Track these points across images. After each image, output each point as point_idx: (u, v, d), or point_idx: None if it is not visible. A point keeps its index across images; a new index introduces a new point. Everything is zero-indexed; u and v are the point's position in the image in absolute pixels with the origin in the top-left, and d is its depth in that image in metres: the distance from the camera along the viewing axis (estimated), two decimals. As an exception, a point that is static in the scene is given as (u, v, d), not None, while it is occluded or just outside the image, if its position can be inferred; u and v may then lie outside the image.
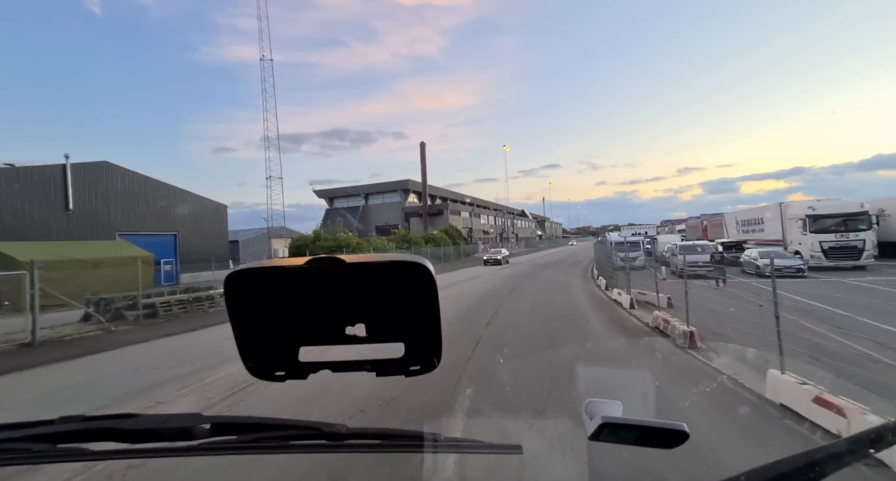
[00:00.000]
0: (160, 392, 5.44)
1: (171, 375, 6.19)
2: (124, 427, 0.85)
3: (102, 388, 5.89)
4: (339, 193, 60.35)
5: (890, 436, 0.64)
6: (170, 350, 8.08)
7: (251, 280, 0.69)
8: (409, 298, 0.70)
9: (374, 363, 0.77)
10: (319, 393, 4.88)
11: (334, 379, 0.83)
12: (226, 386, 5.45)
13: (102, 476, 3.18)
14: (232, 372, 5.80)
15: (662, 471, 3.08)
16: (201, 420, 0.88)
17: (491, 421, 4.34)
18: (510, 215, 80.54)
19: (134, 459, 0.97)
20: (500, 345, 7.31)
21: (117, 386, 5.90)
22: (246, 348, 0.73)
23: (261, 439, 0.92)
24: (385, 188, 57.16)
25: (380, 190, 57.49)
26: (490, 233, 65.62)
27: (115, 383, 6.06)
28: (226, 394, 5.16)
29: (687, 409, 4.24)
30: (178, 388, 5.55)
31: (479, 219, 63.84)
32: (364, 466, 2.96)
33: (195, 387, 5.55)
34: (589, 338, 7.98)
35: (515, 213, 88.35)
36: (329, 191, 61.07)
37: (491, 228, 67.40)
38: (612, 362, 6.39)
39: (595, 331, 8.49)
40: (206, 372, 6.18)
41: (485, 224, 65.86)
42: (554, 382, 5.09)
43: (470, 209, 62.68)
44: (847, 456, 0.62)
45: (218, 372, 6.02)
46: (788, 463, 0.60)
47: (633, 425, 0.68)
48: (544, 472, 2.24)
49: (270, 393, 5.07)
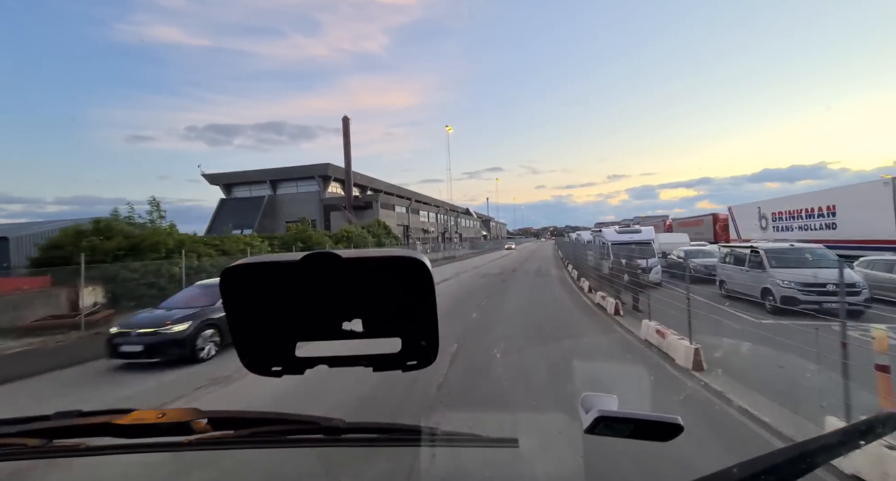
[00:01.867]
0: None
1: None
2: (120, 422, 0.85)
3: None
4: (238, 179, 46.70)
5: (879, 428, 0.65)
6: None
7: (247, 275, 0.68)
8: (405, 293, 0.70)
9: (371, 358, 0.77)
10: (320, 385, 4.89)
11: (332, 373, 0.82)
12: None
13: (99, 471, 3.18)
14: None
15: (657, 464, 3.12)
16: (198, 414, 0.88)
17: (487, 414, 4.37)
18: (454, 213, 73.26)
19: (131, 454, 0.97)
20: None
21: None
22: (242, 343, 0.73)
23: (258, 433, 0.92)
24: (298, 174, 45.25)
25: (291, 176, 45.56)
26: (431, 232, 57.93)
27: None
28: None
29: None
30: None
31: (417, 216, 55.48)
32: (362, 460, 2.98)
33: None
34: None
35: (460, 211, 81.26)
36: (224, 176, 46.93)
37: (432, 227, 59.60)
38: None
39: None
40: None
41: (425, 221, 57.94)
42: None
43: (407, 203, 53.15)
44: (838, 447, 0.63)
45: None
46: (781, 454, 0.60)
47: (628, 418, 0.69)
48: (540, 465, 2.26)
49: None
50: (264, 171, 46.35)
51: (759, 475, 0.57)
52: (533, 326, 9.03)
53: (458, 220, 75.68)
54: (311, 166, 44.91)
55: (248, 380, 5.80)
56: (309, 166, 45.07)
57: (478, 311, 10.98)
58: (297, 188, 45.62)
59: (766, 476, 0.57)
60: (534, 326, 9.03)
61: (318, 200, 44.00)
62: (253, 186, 46.59)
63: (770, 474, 0.58)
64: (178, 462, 2.91)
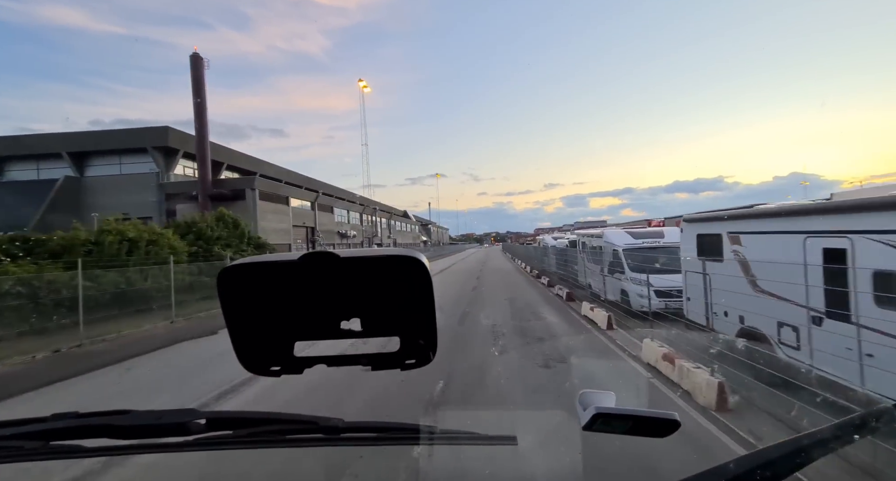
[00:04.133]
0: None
1: None
2: (118, 423, 0.85)
3: None
4: (18, 150, 28.44)
5: (873, 422, 0.66)
6: None
7: (245, 275, 0.68)
8: (404, 292, 0.70)
9: (370, 357, 0.77)
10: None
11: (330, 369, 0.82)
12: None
13: (97, 473, 3.17)
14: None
15: (655, 460, 3.14)
16: (196, 415, 0.87)
17: (486, 412, 4.39)
18: (384, 213, 59.45)
19: (128, 455, 0.97)
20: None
21: None
22: (240, 343, 0.73)
23: (257, 434, 0.92)
24: (122, 143, 28.10)
25: (111, 146, 28.31)
26: (353, 236, 45.10)
27: None
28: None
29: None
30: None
31: (332, 215, 42.10)
32: (362, 459, 2.98)
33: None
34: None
35: (395, 213, 68.35)
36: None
37: (353, 230, 46.01)
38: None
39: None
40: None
41: (342, 222, 44.40)
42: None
43: (313, 196, 38.08)
44: (832, 441, 0.64)
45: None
46: (776, 449, 0.61)
47: (625, 415, 0.70)
48: (539, 462, 2.27)
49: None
50: (61, 137, 28.59)
51: (755, 470, 0.58)
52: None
53: (393, 223, 64.49)
54: (138, 131, 28.27)
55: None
56: (136, 131, 28.35)
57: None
58: (120, 167, 28.97)
59: (762, 470, 0.58)
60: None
61: (157, 185, 28.33)
62: (44, 164, 28.95)
63: (766, 469, 0.58)
64: (176, 463, 2.91)
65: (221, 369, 6.22)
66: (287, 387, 5.20)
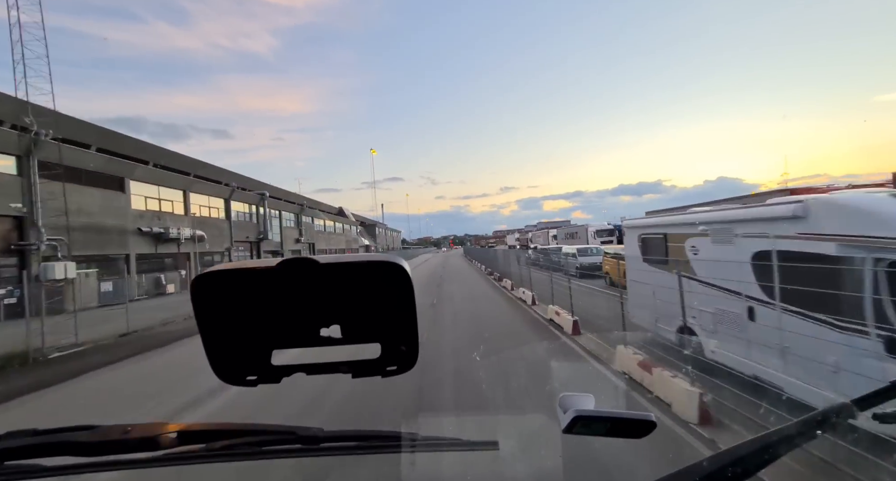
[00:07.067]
0: None
1: None
2: (81, 439, 0.81)
3: None
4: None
5: (834, 418, 0.69)
6: None
7: (220, 282, 0.66)
8: (384, 298, 0.69)
9: (351, 364, 0.76)
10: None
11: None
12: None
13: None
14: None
15: (632, 461, 3.21)
16: (166, 428, 0.84)
17: (468, 418, 4.38)
18: (293, 205, 41.31)
19: (93, 473, 0.92)
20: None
21: None
22: (215, 353, 0.71)
23: (232, 446, 0.89)
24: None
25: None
26: (178, 237, 26.87)
27: None
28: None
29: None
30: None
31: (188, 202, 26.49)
32: (341, 469, 2.92)
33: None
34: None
35: (323, 209, 52.01)
36: None
37: (246, 231, 32.11)
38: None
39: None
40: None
41: (217, 217, 29.69)
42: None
43: (188, 182, 26.38)
44: (797, 437, 0.67)
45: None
46: (746, 446, 0.64)
47: (604, 417, 0.71)
48: (520, 466, 2.28)
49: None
50: None
51: (726, 467, 0.60)
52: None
53: (314, 221, 45.85)
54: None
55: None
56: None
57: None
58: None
59: (734, 467, 0.60)
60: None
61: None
62: None
63: (736, 465, 0.61)
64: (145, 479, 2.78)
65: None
66: (262, 394, 5.06)
